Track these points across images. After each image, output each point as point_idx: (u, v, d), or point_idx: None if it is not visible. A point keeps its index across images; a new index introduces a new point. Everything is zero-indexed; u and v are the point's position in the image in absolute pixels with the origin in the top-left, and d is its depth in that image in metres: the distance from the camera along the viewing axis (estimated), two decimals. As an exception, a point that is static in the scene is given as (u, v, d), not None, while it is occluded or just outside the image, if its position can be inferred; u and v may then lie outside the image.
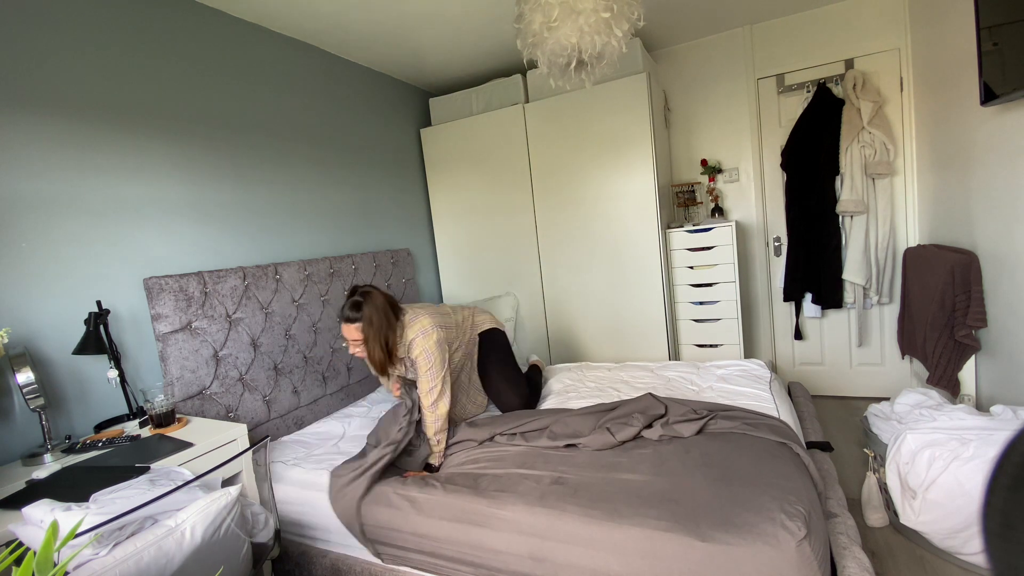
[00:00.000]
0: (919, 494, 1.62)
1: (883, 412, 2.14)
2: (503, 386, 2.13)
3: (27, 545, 0.94)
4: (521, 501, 1.41)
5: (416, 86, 3.47)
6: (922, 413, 1.89)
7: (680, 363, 2.52)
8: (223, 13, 2.19)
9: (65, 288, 1.62)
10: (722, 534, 1.19)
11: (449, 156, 3.36)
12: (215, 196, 2.11)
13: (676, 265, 3.00)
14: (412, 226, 3.36)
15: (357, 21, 2.45)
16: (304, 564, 1.66)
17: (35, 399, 1.39)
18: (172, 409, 1.65)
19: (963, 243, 2.28)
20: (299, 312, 2.34)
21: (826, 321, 3.18)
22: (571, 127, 2.97)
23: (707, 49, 3.23)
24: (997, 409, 1.73)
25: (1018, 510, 0.65)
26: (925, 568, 1.65)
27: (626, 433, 1.66)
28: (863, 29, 2.86)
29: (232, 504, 1.09)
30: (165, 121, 1.94)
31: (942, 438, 1.64)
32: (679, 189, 3.33)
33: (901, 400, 2.09)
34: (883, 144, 2.80)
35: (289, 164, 2.47)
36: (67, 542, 0.76)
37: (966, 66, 2.06)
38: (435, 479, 1.61)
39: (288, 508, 1.71)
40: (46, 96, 1.60)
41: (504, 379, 2.14)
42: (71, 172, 1.65)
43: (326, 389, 2.47)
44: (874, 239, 2.87)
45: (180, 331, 1.84)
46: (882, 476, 1.86)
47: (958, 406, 1.83)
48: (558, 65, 1.71)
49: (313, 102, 2.64)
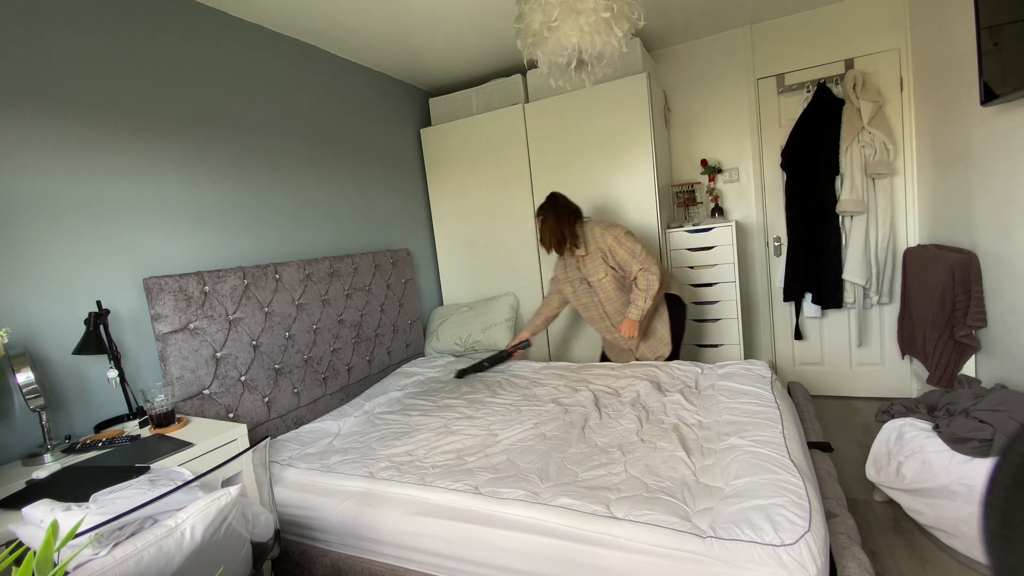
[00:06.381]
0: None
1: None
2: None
3: (27, 545, 0.94)
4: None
5: (416, 86, 3.47)
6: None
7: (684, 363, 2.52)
8: (223, 13, 2.19)
9: (65, 288, 1.62)
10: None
11: (449, 156, 3.36)
12: (215, 196, 2.11)
13: (676, 265, 3.00)
14: (412, 226, 3.36)
15: (357, 21, 2.45)
16: (304, 564, 1.66)
17: (35, 399, 1.39)
18: (172, 409, 1.65)
19: (963, 243, 2.28)
20: (299, 312, 2.34)
21: (826, 321, 3.18)
22: (571, 127, 2.97)
23: (707, 49, 3.23)
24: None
25: (1018, 510, 0.65)
26: (925, 568, 1.65)
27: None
28: (863, 29, 2.86)
29: (232, 504, 1.08)
30: (165, 121, 1.94)
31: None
32: (679, 189, 3.33)
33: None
34: (883, 144, 2.80)
35: (289, 164, 2.47)
36: (67, 542, 0.76)
37: (966, 66, 2.06)
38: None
39: (282, 511, 1.71)
40: (46, 96, 1.60)
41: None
42: (71, 172, 1.65)
43: (326, 389, 2.47)
44: (874, 239, 2.87)
45: (180, 331, 1.84)
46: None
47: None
48: (558, 65, 1.71)
49: (313, 102, 2.64)
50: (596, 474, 1.56)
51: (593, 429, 1.89)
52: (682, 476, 1.49)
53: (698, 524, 1.25)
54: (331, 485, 1.69)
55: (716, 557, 1.15)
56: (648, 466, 1.57)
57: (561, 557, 1.29)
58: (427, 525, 1.47)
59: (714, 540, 1.18)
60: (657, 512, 1.29)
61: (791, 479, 1.35)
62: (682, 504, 1.35)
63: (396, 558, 1.54)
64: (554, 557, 1.30)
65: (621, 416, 1.95)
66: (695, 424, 1.83)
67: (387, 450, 1.90)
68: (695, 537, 1.20)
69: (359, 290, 2.72)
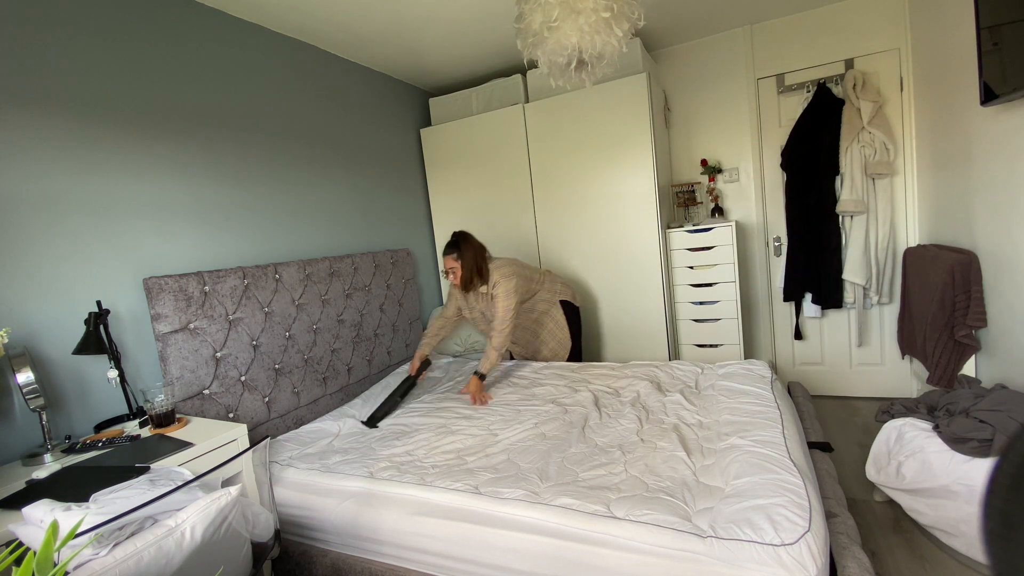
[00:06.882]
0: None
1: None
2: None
3: (27, 545, 0.94)
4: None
5: (416, 86, 3.47)
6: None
7: (682, 362, 2.52)
8: (223, 13, 2.19)
9: (65, 288, 1.62)
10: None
11: (449, 156, 3.36)
12: (215, 196, 2.11)
13: (676, 265, 3.00)
14: (412, 226, 3.36)
15: (357, 21, 2.45)
16: (304, 564, 1.66)
17: (35, 399, 1.39)
18: (172, 409, 1.65)
19: (963, 243, 2.28)
20: (299, 312, 2.34)
21: (826, 321, 3.18)
22: (571, 127, 2.97)
23: (707, 49, 3.23)
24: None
25: (1018, 510, 0.65)
26: (925, 568, 1.65)
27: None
28: (863, 29, 2.86)
29: (232, 504, 1.08)
30: (165, 121, 1.94)
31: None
32: (679, 189, 3.33)
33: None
34: (883, 144, 2.80)
35: (289, 164, 2.47)
36: (67, 542, 0.76)
37: (966, 66, 2.06)
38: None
39: (282, 511, 1.71)
40: (47, 96, 1.60)
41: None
42: (71, 172, 1.65)
43: (326, 389, 2.47)
44: (874, 239, 2.87)
45: (180, 331, 1.84)
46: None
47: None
48: (558, 65, 1.71)
49: (313, 102, 2.64)
50: (596, 474, 1.56)
51: (593, 429, 1.89)
52: (682, 476, 1.49)
53: (698, 524, 1.26)
54: (331, 485, 1.69)
55: (716, 557, 1.15)
56: (648, 466, 1.57)
57: (561, 557, 1.29)
58: (427, 525, 1.47)
59: (714, 540, 1.18)
60: (657, 512, 1.29)
61: (791, 479, 1.35)
62: (682, 504, 1.35)
63: (396, 558, 1.54)
64: (554, 557, 1.30)
65: (621, 416, 1.95)
66: (695, 424, 1.83)
67: (387, 450, 1.90)
68: (695, 537, 1.20)
69: (359, 290, 2.72)
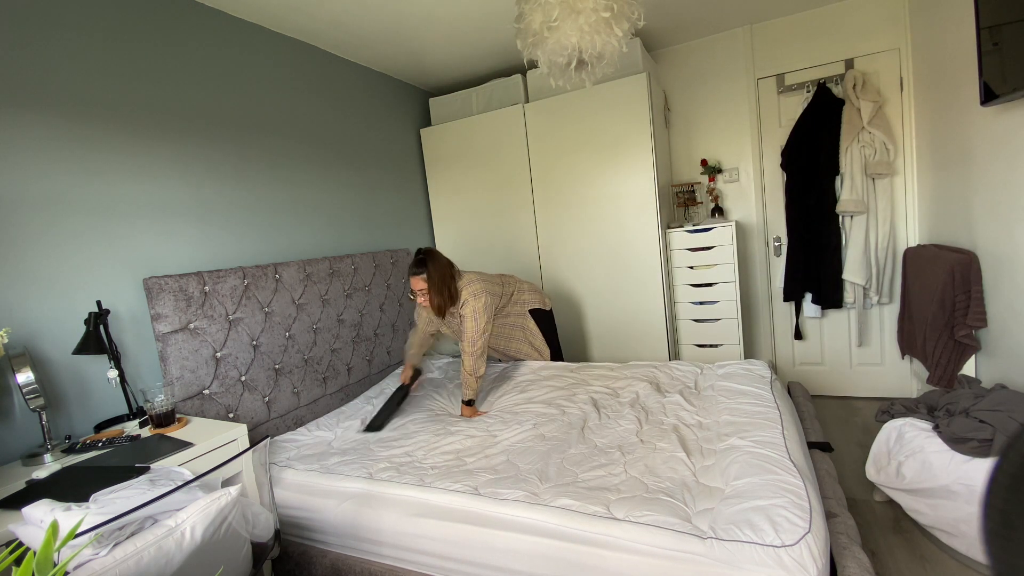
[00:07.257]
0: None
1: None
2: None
3: (27, 545, 0.94)
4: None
5: (416, 86, 3.47)
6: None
7: (682, 362, 2.52)
8: (223, 13, 2.19)
9: (65, 288, 1.62)
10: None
11: (449, 156, 3.36)
12: (215, 196, 2.11)
13: (676, 265, 3.00)
14: (412, 226, 3.36)
15: (357, 21, 2.45)
16: (304, 564, 1.66)
17: (35, 399, 1.39)
18: (172, 409, 1.65)
19: (963, 243, 2.28)
20: (299, 312, 2.34)
21: (826, 321, 3.18)
22: (571, 127, 2.97)
23: (707, 49, 3.23)
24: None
25: (1018, 510, 0.65)
26: (925, 568, 1.65)
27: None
28: (863, 29, 2.86)
29: (232, 504, 1.08)
30: (165, 121, 1.94)
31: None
32: (679, 189, 3.33)
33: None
34: (883, 144, 2.80)
35: (289, 164, 2.47)
36: (67, 542, 0.76)
37: (966, 66, 2.06)
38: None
39: (281, 511, 1.71)
40: (47, 96, 1.60)
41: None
42: (71, 172, 1.65)
43: (326, 389, 2.47)
44: (874, 239, 2.87)
45: (180, 331, 1.84)
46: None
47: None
48: (558, 65, 1.71)
49: (313, 102, 2.64)
50: (596, 475, 1.56)
51: (592, 430, 1.89)
52: (682, 477, 1.49)
53: (698, 525, 1.26)
54: (330, 486, 1.69)
55: (716, 558, 1.15)
56: (648, 467, 1.57)
57: (561, 558, 1.29)
58: (426, 526, 1.47)
59: (714, 541, 1.18)
60: (657, 513, 1.29)
61: (791, 479, 1.35)
62: (682, 505, 1.35)
63: (395, 559, 1.54)
64: (554, 558, 1.30)
65: (620, 417, 1.95)
66: (695, 425, 1.83)
67: (386, 451, 1.90)
68: (695, 538, 1.20)
69: (359, 290, 2.72)
